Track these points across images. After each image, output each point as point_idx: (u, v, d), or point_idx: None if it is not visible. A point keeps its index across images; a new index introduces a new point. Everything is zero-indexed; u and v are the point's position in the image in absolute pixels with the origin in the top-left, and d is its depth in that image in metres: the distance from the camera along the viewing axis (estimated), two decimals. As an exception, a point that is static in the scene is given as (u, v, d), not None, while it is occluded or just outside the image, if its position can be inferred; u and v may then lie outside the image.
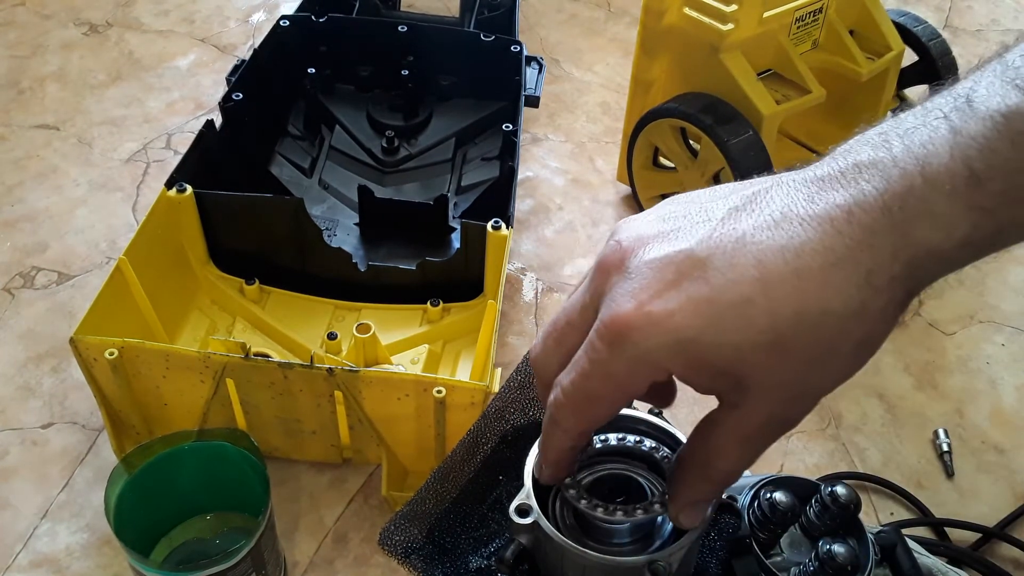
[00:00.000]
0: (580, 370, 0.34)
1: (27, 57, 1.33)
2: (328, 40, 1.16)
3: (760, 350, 0.31)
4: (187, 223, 0.91)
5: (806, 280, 0.31)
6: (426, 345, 0.91)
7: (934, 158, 0.31)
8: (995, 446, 0.90)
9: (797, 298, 0.31)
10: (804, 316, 0.31)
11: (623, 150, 1.10)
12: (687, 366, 0.32)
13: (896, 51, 1.06)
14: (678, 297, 0.32)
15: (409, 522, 0.44)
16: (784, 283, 0.31)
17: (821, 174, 0.33)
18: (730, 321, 0.31)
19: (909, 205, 0.31)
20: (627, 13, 1.51)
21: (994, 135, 0.30)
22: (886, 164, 0.31)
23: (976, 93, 0.31)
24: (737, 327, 0.31)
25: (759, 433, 0.34)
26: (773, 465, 0.87)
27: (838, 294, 0.31)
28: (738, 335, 0.31)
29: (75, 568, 0.76)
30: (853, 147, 0.33)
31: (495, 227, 0.87)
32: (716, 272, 0.31)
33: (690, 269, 0.32)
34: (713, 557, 0.44)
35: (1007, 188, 0.30)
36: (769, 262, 0.31)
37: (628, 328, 0.32)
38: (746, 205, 0.33)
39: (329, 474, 0.83)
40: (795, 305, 0.31)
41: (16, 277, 1.00)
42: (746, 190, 0.34)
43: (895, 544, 0.47)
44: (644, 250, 0.33)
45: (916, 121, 0.32)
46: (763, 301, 0.31)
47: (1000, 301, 1.05)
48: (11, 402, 0.88)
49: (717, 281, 0.31)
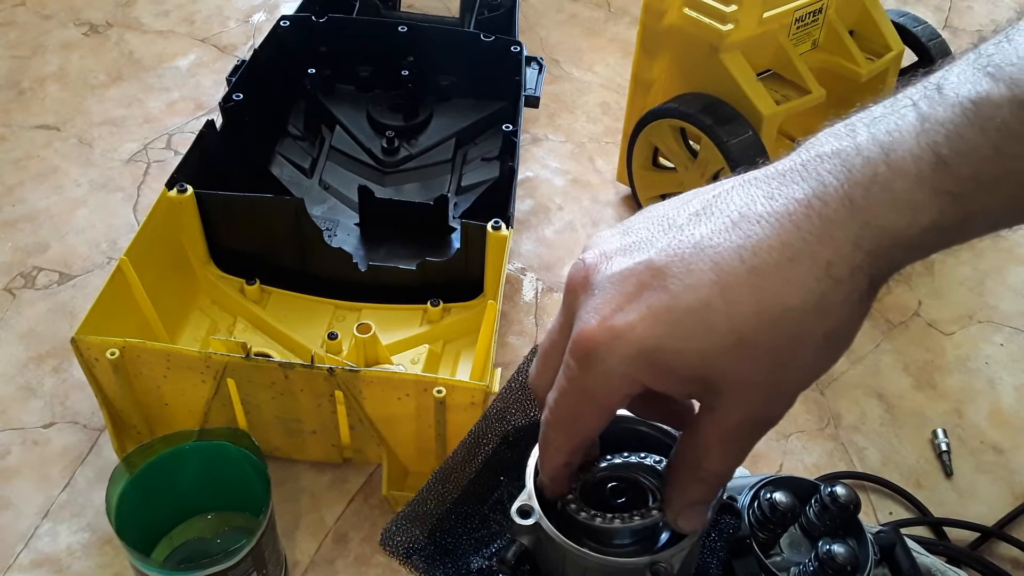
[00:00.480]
0: (560, 390, 0.35)
1: (27, 57, 1.33)
2: (328, 40, 1.16)
3: (724, 353, 0.31)
4: (188, 223, 0.91)
5: (763, 278, 0.31)
6: (426, 345, 0.91)
7: (899, 145, 0.30)
8: (994, 446, 0.90)
9: (755, 297, 0.31)
10: (764, 315, 0.31)
11: (623, 150, 1.10)
12: (657, 375, 0.32)
13: (896, 51, 1.06)
14: (638, 308, 0.32)
15: (410, 522, 0.44)
16: (741, 284, 0.31)
17: (783, 168, 0.33)
18: (690, 327, 0.31)
19: (872, 193, 0.30)
20: (627, 13, 1.51)
21: (963, 121, 0.30)
22: (849, 153, 0.31)
23: (947, 81, 0.31)
24: (698, 333, 0.31)
25: (738, 433, 0.34)
26: (772, 465, 0.87)
27: (797, 289, 0.31)
28: (700, 340, 0.31)
29: (76, 568, 0.76)
30: (819, 139, 0.33)
31: (495, 227, 0.87)
32: (674, 279, 0.31)
33: (649, 279, 0.32)
34: (713, 557, 0.44)
35: (976, 173, 0.30)
36: (725, 264, 0.31)
37: (594, 344, 0.32)
38: (706, 209, 0.33)
39: (330, 474, 0.83)
40: (754, 305, 0.31)
41: (17, 277, 1.01)
42: (708, 193, 0.34)
43: (894, 544, 0.47)
44: (607, 265, 0.34)
45: (884, 110, 0.32)
46: (721, 304, 0.31)
47: (999, 301, 1.05)
48: (12, 402, 0.88)
49: (675, 288, 0.31)
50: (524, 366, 0.49)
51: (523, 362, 0.49)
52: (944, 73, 0.32)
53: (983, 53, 0.31)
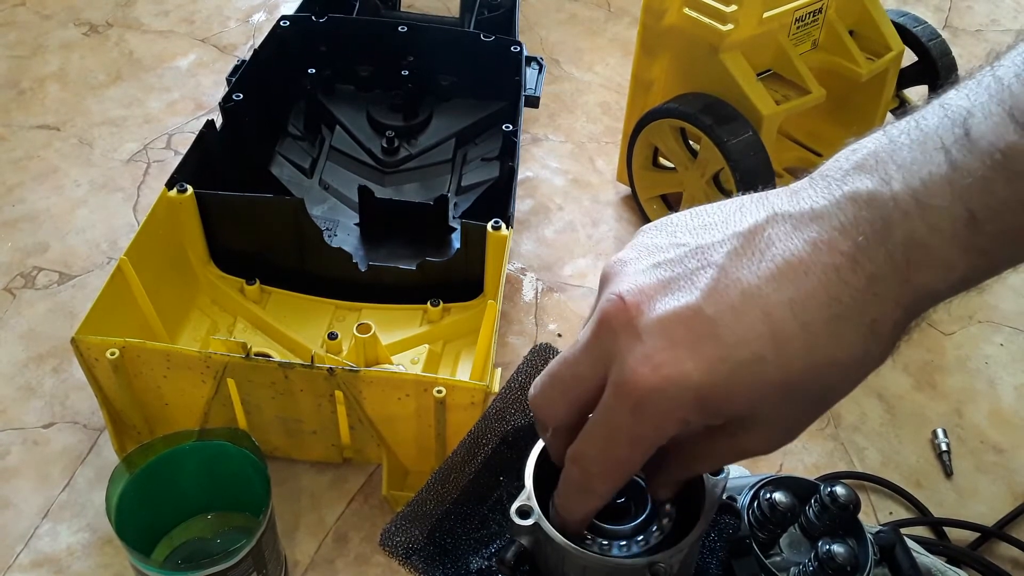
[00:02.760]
0: (606, 439, 0.34)
1: (27, 57, 1.33)
2: (328, 40, 1.16)
3: (771, 399, 0.33)
4: (188, 223, 0.91)
5: (814, 334, 0.32)
6: (426, 345, 0.91)
7: (935, 199, 0.31)
8: (994, 446, 0.90)
9: (806, 352, 0.32)
10: (813, 369, 0.32)
11: (623, 150, 1.10)
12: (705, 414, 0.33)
13: (896, 51, 1.06)
14: (693, 358, 0.32)
15: (410, 523, 0.44)
16: (793, 339, 0.32)
17: (818, 208, 0.32)
18: (743, 377, 0.32)
19: (912, 252, 0.31)
20: (627, 13, 1.51)
21: (992, 175, 0.30)
22: (886, 203, 0.31)
23: (974, 120, 0.31)
24: (751, 382, 0.32)
25: (748, 454, 0.36)
26: (773, 465, 0.87)
27: (845, 346, 0.32)
28: (752, 389, 0.32)
29: (76, 568, 0.76)
30: (848, 171, 0.33)
31: (495, 227, 0.87)
32: (726, 330, 0.32)
33: (700, 328, 0.32)
34: (713, 557, 0.44)
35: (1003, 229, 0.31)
36: (777, 317, 0.32)
37: (649, 392, 0.32)
38: (745, 249, 0.33)
39: (330, 474, 0.83)
40: (805, 359, 0.32)
41: (17, 277, 1.01)
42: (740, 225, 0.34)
43: (894, 544, 0.47)
44: (650, 307, 0.33)
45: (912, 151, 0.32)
46: (774, 358, 0.32)
47: (999, 301, 1.05)
48: (12, 402, 0.88)
49: (728, 340, 0.32)
50: (524, 366, 0.49)
51: (523, 362, 0.49)
52: (968, 108, 0.31)
53: (1005, 85, 0.31)
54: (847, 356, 0.32)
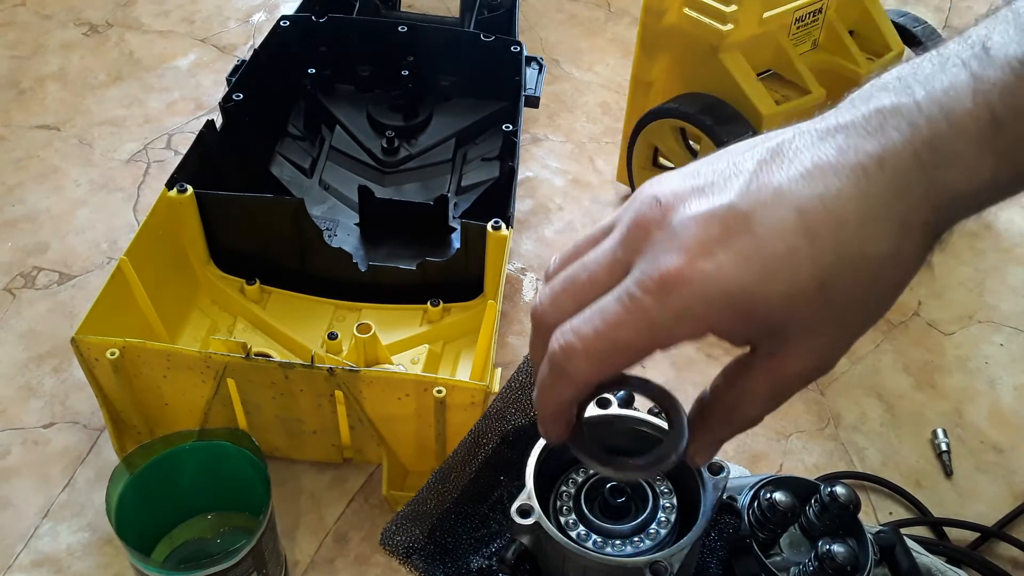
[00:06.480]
0: (612, 318, 0.33)
1: (27, 57, 1.33)
2: (328, 40, 1.16)
3: (806, 296, 0.32)
4: (188, 223, 0.91)
5: (845, 227, 0.32)
6: (426, 345, 0.91)
7: (957, 104, 0.31)
8: (994, 446, 0.90)
9: (839, 244, 0.32)
10: (846, 261, 0.32)
11: (623, 150, 1.10)
12: (732, 319, 0.33)
13: (896, 51, 1.06)
14: (727, 251, 0.32)
15: (411, 522, 0.44)
16: (826, 231, 0.32)
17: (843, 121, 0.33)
18: (779, 271, 0.32)
19: (937, 151, 0.32)
20: (627, 13, 1.51)
21: (1012, 80, 0.31)
22: (911, 111, 0.32)
23: (992, 40, 0.32)
24: (785, 277, 0.32)
25: (792, 381, 0.35)
26: (772, 465, 0.87)
27: (876, 239, 0.32)
28: (786, 284, 0.32)
29: (76, 567, 0.76)
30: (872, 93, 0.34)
31: (495, 227, 0.87)
32: (760, 224, 0.32)
33: (734, 223, 0.32)
34: (713, 557, 0.44)
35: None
36: (809, 211, 0.32)
37: (679, 281, 0.32)
38: (774, 157, 0.33)
39: (330, 474, 0.83)
40: (837, 251, 0.32)
41: (17, 277, 1.01)
42: (768, 142, 0.34)
43: (894, 544, 0.47)
44: (684, 206, 0.33)
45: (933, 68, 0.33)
46: (808, 249, 0.32)
47: (999, 301, 1.05)
48: (12, 402, 0.88)
49: (762, 233, 0.32)
50: (524, 366, 0.49)
51: (523, 362, 0.49)
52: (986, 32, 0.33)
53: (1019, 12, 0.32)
54: (877, 252, 0.32)
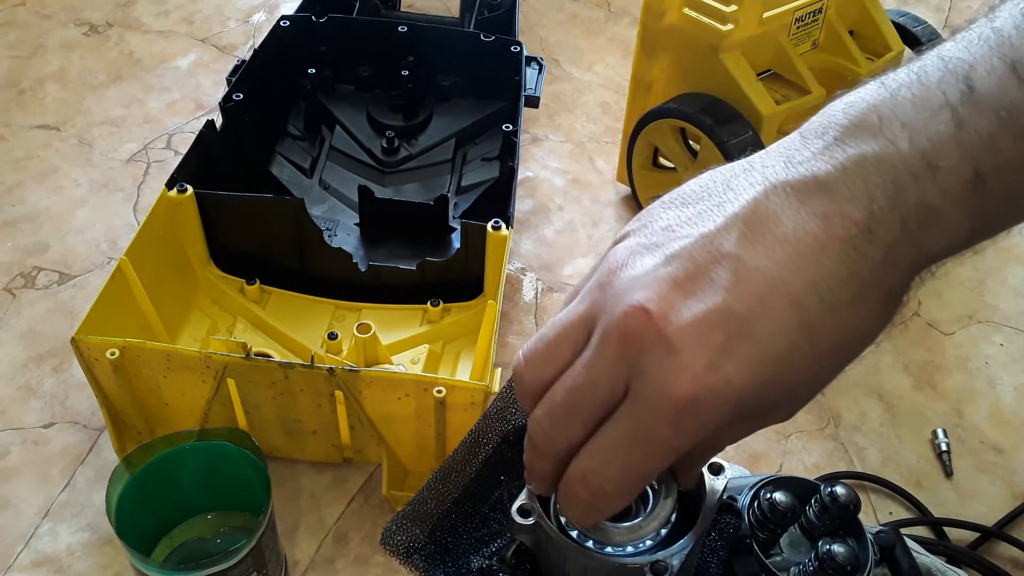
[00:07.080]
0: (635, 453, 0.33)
1: (27, 57, 1.33)
2: (328, 40, 1.16)
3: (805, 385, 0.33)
4: (188, 223, 0.91)
5: (840, 315, 0.32)
6: (426, 345, 0.91)
7: (943, 160, 0.30)
8: (994, 446, 0.90)
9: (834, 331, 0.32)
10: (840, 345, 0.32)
11: (623, 150, 1.10)
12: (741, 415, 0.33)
13: (896, 51, 1.06)
14: (732, 362, 0.31)
15: (411, 522, 0.44)
16: (823, 324, 0.31)
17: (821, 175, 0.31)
18: (781, 373, 0.32)
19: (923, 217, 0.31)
20: (627, 13, 1.51)
21: (998, 131, 0.29)
22: (896, 167, 0.30)
23: (976, 75, 0.30)
24: (787, 376, 0.32)
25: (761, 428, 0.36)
26: (772, 465, 0.87)
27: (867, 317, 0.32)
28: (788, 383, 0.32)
29: (76, 568, 0.76)
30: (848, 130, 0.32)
31: (495, 227, 0.87)
32: (759, 327, 0.31)
33: (734, 329, 0.31)
34: (713, 557, 0.44)
35: (1006, 189, 0.30)
36: (804, 303, 0.31)
37: (693, 403, 0.31)
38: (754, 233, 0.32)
39: (330, 474, 0.83)
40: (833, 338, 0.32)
41: (17, 277, 1.01)
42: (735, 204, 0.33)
43: (894, 544, 0.47)
44: (677, 314, 0.31)
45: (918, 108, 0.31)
46: (807, 347, 0.32)
47: (999, 301, 1.05)
48: (12, 402, 0.88)
49: (762, 336, 0.31)
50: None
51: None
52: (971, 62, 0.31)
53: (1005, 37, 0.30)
54: (869, 326, 0.32)
